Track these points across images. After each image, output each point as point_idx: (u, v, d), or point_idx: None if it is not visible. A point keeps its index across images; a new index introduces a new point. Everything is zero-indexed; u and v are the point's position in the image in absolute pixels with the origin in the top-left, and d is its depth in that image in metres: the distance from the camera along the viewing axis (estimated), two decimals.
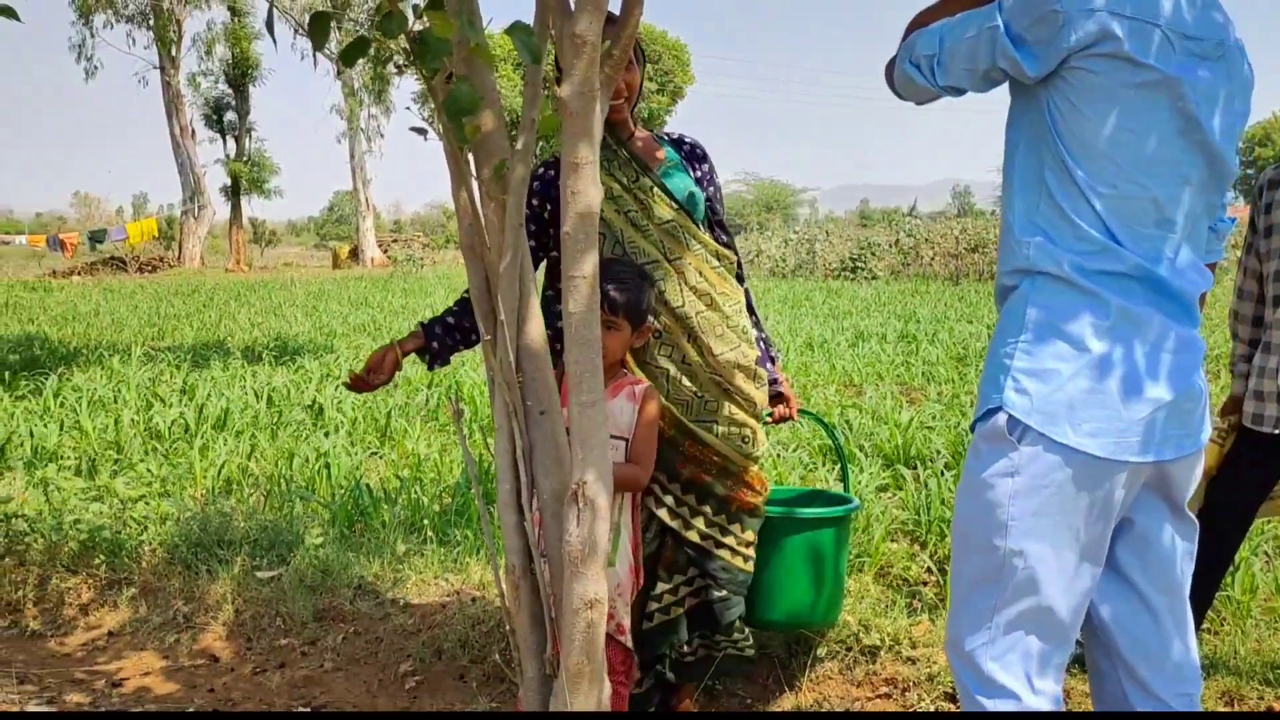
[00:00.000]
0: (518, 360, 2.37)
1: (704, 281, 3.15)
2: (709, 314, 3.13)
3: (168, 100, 40.37)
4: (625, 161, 3.19)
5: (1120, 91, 1.95)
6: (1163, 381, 2.00)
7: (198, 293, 24.50)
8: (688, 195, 3.23)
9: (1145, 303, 2.01)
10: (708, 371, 3.12)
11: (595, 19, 2.13)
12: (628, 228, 3.14)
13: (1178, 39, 1.97)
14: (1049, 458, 1.98)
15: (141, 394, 8.66)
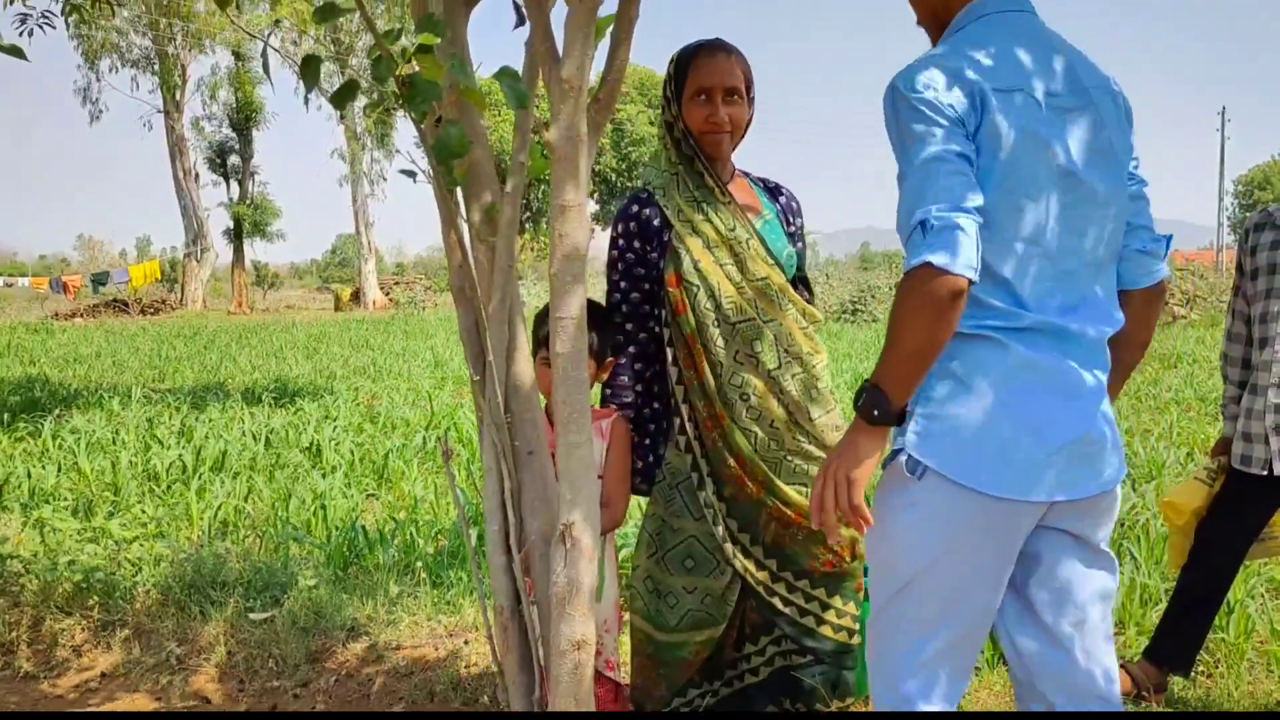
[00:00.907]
0: (506, 401, 2.38)
1: (796, 344, 3.02)
2: (804, 376, 3.01)
3: (172, 144, 40.63)
4: (725, 206, 3.05)
5: (1005, 161, 2.00)
6: (1060, 425, 2.07)
7: (199, 335, 24.55)
8: (786, 255, 3.10)
9: (1047, 349, 2.07)
10: (794, 434, 2.99)
11: (582, 65, 2.16)
12: (724, 282, 2.99)
13: (1043, 97, 2.05)
14: (945, 495, 2.05)
15: (140, 436, 8.67)
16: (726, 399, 2.98)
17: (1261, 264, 3.46)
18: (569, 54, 2.15)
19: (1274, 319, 3.39)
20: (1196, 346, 16.54)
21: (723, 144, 3.04)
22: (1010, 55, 2.07)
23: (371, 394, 12.16)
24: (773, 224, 3.13)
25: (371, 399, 11.68)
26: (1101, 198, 2.12)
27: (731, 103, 3.02)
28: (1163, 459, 7.35)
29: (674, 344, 3.06)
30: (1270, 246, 3.45)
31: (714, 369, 2.98)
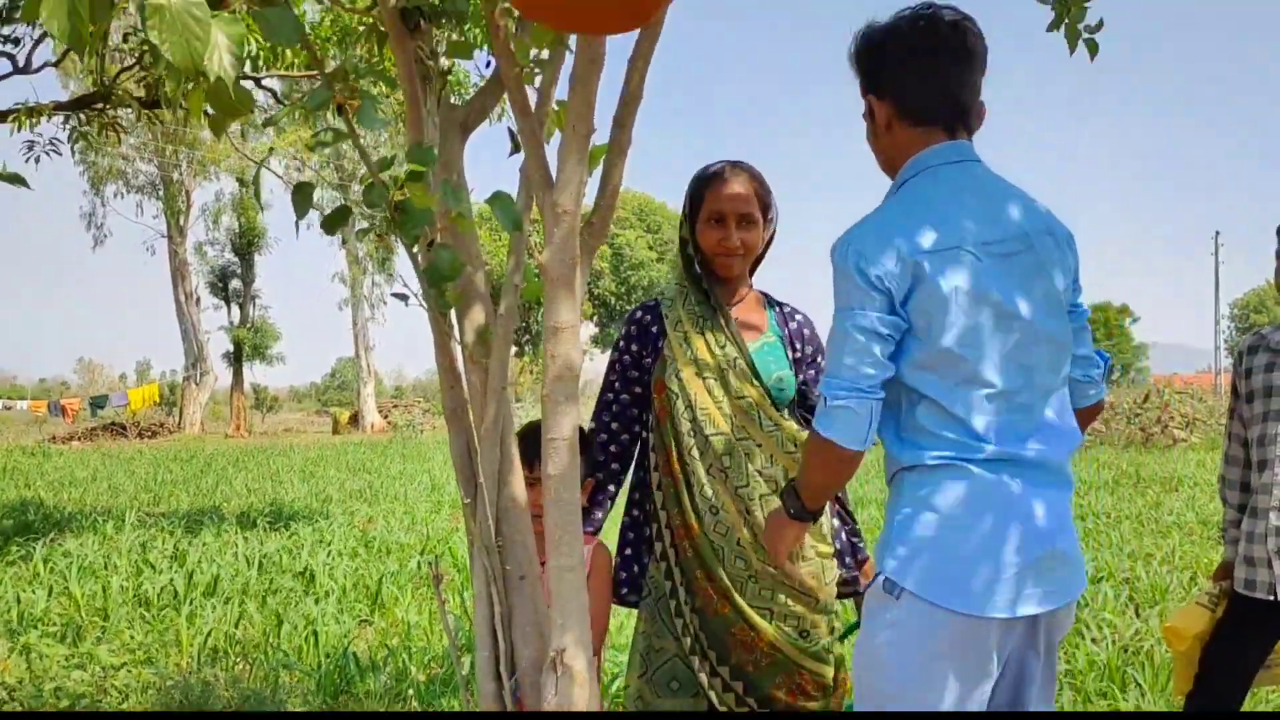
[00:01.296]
0: (497, 524, 2.36)
1: (774, 467, 3.00)
2: (772, 499, 2.94)
3: (174, 268, 41.03)
4: (719, 325, 3.07)
5: (945, 316, 2.17)
6: (1023, 543, 2.17)
7: (196, 458, 24.46)
8: (775, 379, 3.07)
9: (1008, 474, 2.20)
10: (759, 556, 2.94)
11: (576, 190, 2.19)
12: (703, 394, 3.01)
13: (980, 249, 2.20)
14: (920, 615, 2.16)
15: (132, 560, 8.59)
16: (698, 510, 2.97)
17: (1257, 386, 3.46)
18: (563, 180, 2.18)
19: (1272, 441, 3.37)
20: (1197, 470, 16.49)
21: (733, 266, 3.08)
22: (950, 212, 2.22)
23: (367, 518, 12.08)
24: (773, 346, 3.13)
25: (367, 523, 11.60)
26: (1046, 335, 2.27)
27: (745, 227, 3.06)
28: (1165, 584, 7.27)
29: (656, 450, 3.08)
30: (1265, 369, 3.45)
31: (688, 479, 2.99)
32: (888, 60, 2.31)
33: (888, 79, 2.32)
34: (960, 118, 2.33)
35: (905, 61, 2.29)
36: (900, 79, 2.31)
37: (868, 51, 2.34)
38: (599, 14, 1.90)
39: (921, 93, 2.30)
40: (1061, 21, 3.55)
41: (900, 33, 2.30)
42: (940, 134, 2.31)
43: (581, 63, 2.18)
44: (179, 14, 1.50)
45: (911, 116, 2.31)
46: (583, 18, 1.93)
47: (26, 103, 9.77)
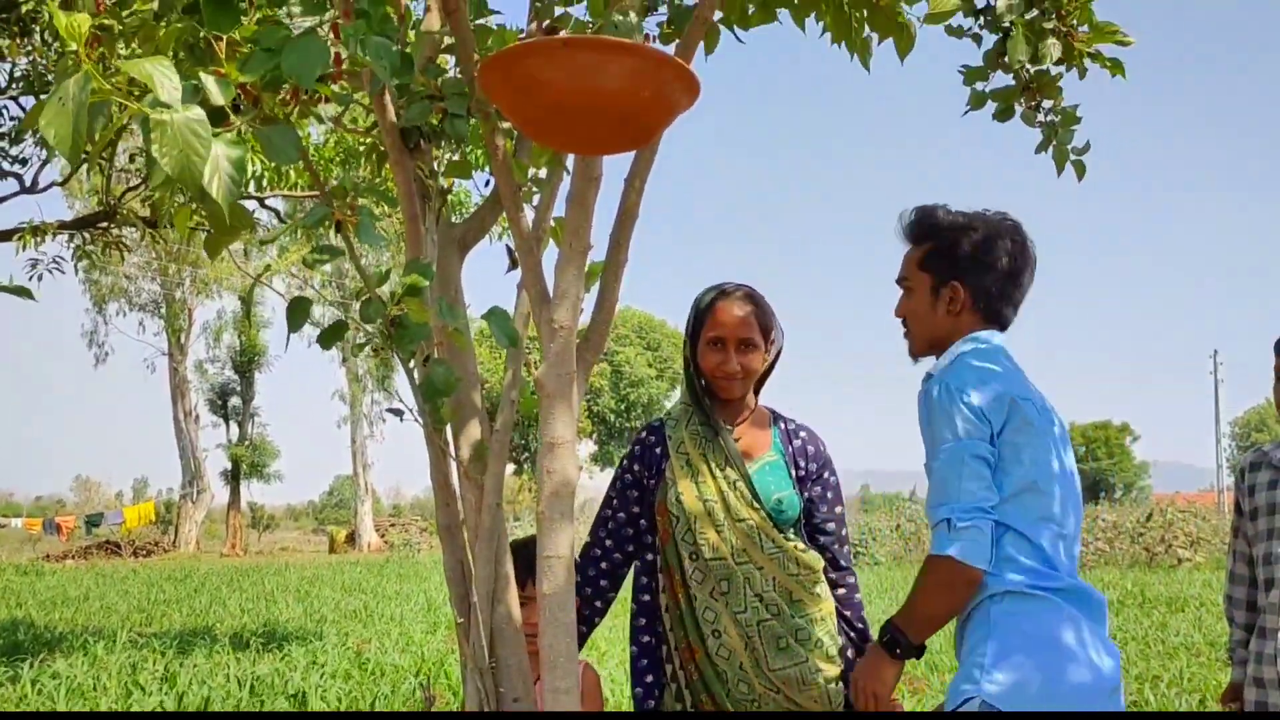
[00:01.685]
0: (491, 645, 2.32)
1: (776, 590, 2.96)
2: (773, 624, 2.93)
3: (174, 386, 41.07)
4: (720, 447, 3.07)
5: (1032, 452, 2.44)
6: (1106, 669, 2.39)
7: (190, 578, 24.20)
8: (775, 500, 3.03)
9: (1078, 607, 2.42)
10: (764, 683, 2.90)
11: (573, 307, 2.19)
12: (703, 518, 2.98)
13: (1042, 408, 2.53)
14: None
15: (122, 681, 8.44)
16: (702, 633, 2.94)
17: (1260, 504, 3.43)
18: (559, 295, 2.19)
19: (1277, 560, 3.34)
20: (1203, 590, 16.29)
21: (734, 389, 3.08)
22: (1017, 373, 2.55)
23: (361, 639, 11.90)
24: (775, 465, 3.11)
25: (361, 644, 11.42)
26: (1076, 493, 2.56)
27: (744, 351, 3.06)
28: (1174, 707, 7.13)
29: (662, 572, 3.05)
30: (1268, 486, 3.42)
31: (690, 601, 2.96)
32: (984, 256, 2.63)
33: (978, 271, 2.63)
34: (1010, 321, 2.71)
35: (997, 268, 2.63)
36: (991, 276, 2.63)
37: (969, 244, 2.63)
38: (598, 136, 1.92)
39: (1001, 295, 2.65)
40: (1049, 143, 3.61)
41: (998, 236, 2.64)
42: (996, 329, 2.67)
43: (579, 181, 2.21)
44: (181, 129, 1.51)
45: (984, 310, 2.64)
46: (582, 139, 1.96)
47: (32, 221, 9.88)
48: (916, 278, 2.70)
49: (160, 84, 1.46)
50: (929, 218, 2.70)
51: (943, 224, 2.67)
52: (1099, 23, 3.41)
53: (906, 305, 2.74)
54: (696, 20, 2.27)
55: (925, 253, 2.69)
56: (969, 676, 2.38)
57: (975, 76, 3.54)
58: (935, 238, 2.68)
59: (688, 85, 1.85)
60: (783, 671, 2.91)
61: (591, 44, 1.76)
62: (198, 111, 1.51)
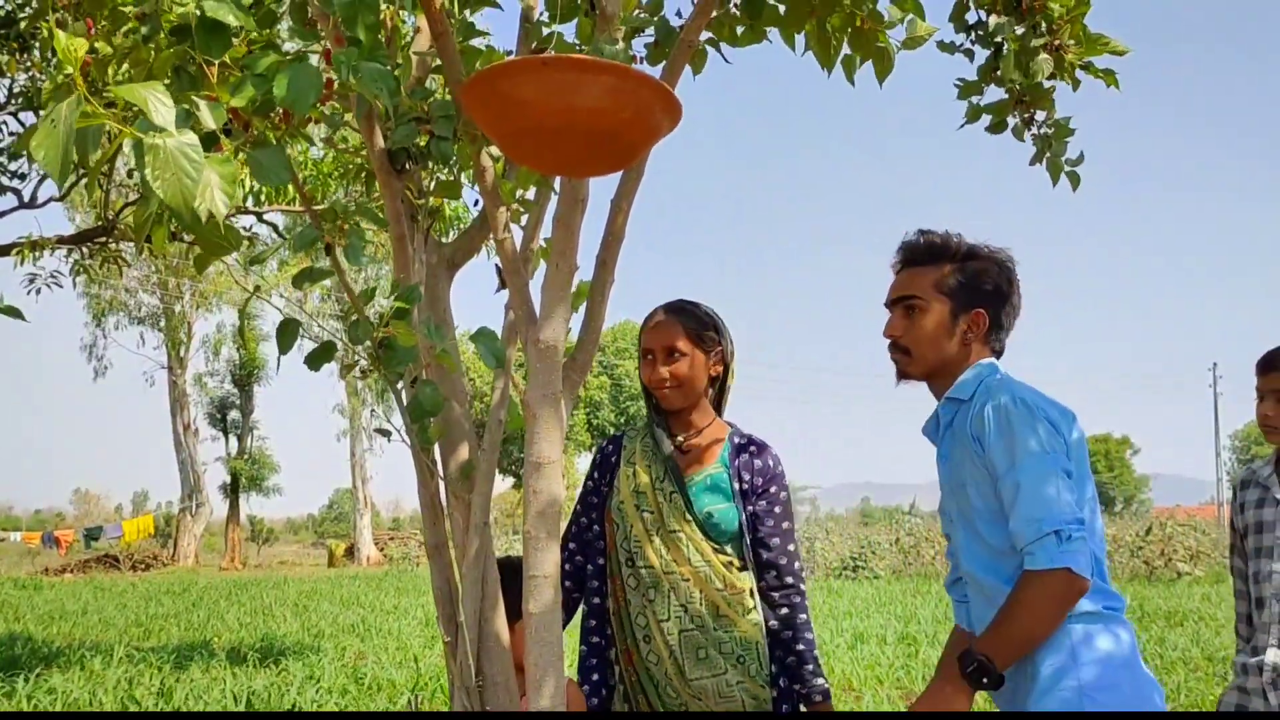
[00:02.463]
0: (478, 663, 2.33)
1: (702, 603, 3.02)
2: (695, 635, 2.99)
3: (173, 399, 41.06)
4: (663, 458, 3.14)
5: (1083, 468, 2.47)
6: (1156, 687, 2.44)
7: (189, 591, 24.18)
8: (705, 513, 3.08)
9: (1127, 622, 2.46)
10: (687, 690, 2.97)
11: (559, 326, 2.21)
12: (638, 525, 3.08)
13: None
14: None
15: (118, 696, 8.44)
16: (635, 638, 3.05)
17: (1250, 522, 3.46)
18: (545, 316, 2.20)
19: (1266, 579, 3.36)
20: (1202, 604, 16.28)
21: (669, 398, 3.14)
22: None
23: (358, 653, 11.89)
24: (717, 479, 3.15)
25: (358, 659, 11.42)
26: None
27: (670, 360, 3.11)
28: None
29: (609, 578, 3.16)
30: (1256, 505, 3.46)
31: (627, 607, 3.07)
32: (1005, 289, 2.68)
33: (998, 303, 2.67)
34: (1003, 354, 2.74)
35: (1011, 297, 2.70)
36: (1006, 308, 2.69)
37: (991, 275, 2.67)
38: (579, 156, 1.93)
39: (1007, 328, 2.71)
40: (1043, 155, 3.63)
41: (1011, 272, 2.71)
42: (995, 358, 2.70)
43: (565, 203, 2.22)
44: (173, 154, 1.53)
45: (993, 341, 2.68)
46: (563, 160, 1.97)
47: (30, 236, 9.90)
48: (933, 299, 2.66)
49: (154, 108, 1.48)
50: (949, 242, 2.70)
51: (967, 252, 2.68)
52: (1091, 35, 3.43)
53: (913, 326, 2.67)
54: (682, 44, 2.29)
55: (945, 276, 2.66)
56: (1063, 702, 2.32)
57: (970, 91, 3.56)
58: (958, 263, 2.67)
59: (669, 107, 1.86)
60: (699, 682, 2.97)
61: (571, 63, 1.77)
62: (190, 136, 1.53)
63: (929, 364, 2.67)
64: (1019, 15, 3.28)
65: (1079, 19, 3.36)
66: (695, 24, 2.34)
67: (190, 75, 1.98)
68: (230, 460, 44.51)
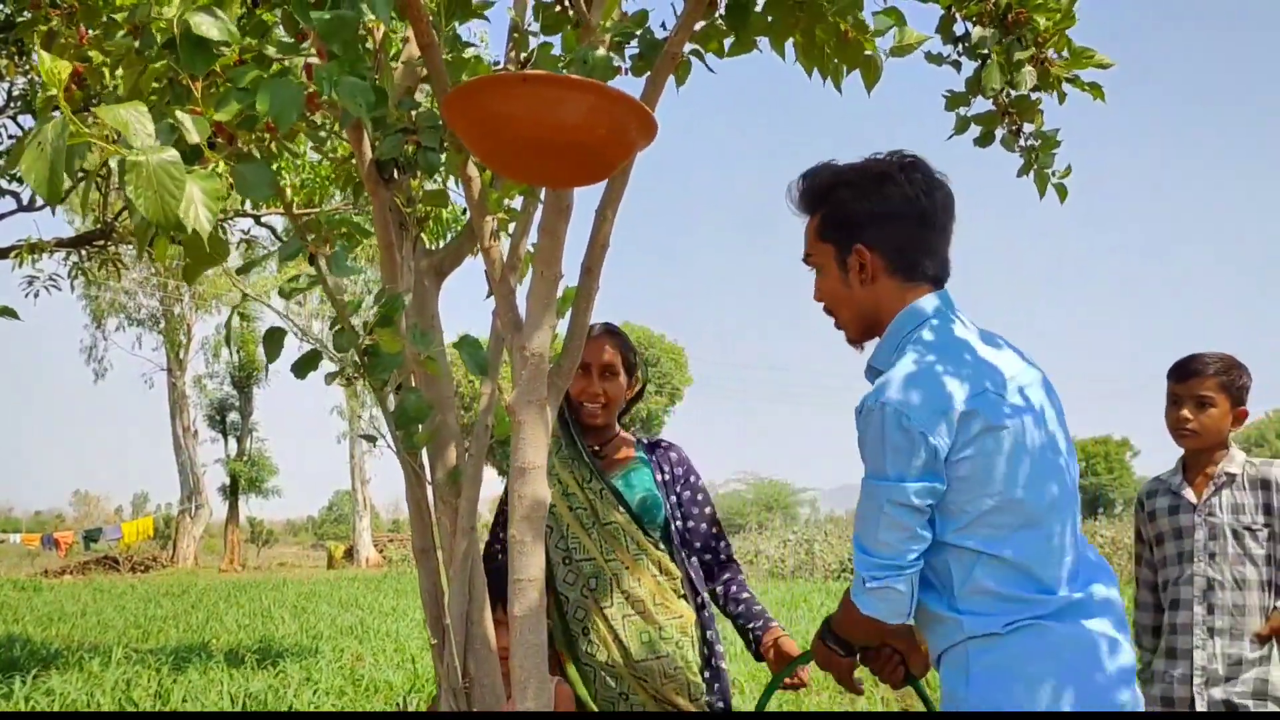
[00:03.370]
0: (465, 666, 2.36)
1: (641, 589, 3.17)
2: (637, 620, 3.14)
3: (173, 401, 41.06)
4: (585, 463, 3.28)
5: (1005, 460, 2.10)
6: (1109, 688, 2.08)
7: (188, 593, 24.19)
8: (640, 500, 3.27)
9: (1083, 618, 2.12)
10: (632, 674, 3.10)
11: (544, 333, 2.24)
12: (574, 523, 3.22)
13: (1019, 392, 2.17)
14: None
15: (115, 698, 8.47)
16: (572, 635, 3.14)
17: (1165, 529, 3.64)
18: (530, 323, 2.24)
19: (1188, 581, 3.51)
20: None
21: (597, 415, 3.32)
22: (978, 356, 2.17)
23: (356, 655, 11.91)
24: (639, 471, 3.37)
25: (356, 660, 11.44)
26: (1074, 478, 2.23)
27: (607, 378, 3.32)
28: None
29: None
30: (1168, 512, 3.61)
31: (561, 607, 3.16)
32: (879, 210, 2.24)
33: (877, 225, 2.24)
34: (945, 273, 2.31)
35: (902, 214, 2.24)
36: (894, 228, 2.24)
37: (853, 199, 2.26)
38: (557, 170, 1.98)
39: (915, 246, 2.25)
40: (1030, 167, 3.66)
41: (893, 182, 2.25)
42: (927, 288, 2.27)
43: (549, 211, 2.26)
44: (155, 171, 1.56)
45: (902, 270, 2.25)
46: (541, 172, 2.01)
47: (29, 239, 9.93)
48: (819, 251, 2.33)
49: (134, 130, 1.52)
50: (813, 179, 2.35)
51: (827, 182, 2.31)
52: (1077, 48, 3.45)
53: (819, 286, 2.36)
54: (666, 56, 2.32)
55: (820, 220, 2.32)
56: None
57: (957, 102, 3.59)
58: (824, 201, 2.31)
59: (644, 124, 1.90)
60: (646, 664, 3.11)
61: (550, 80, 1.81)
62: (171, 153, 1.56)
63: (853, 324, 2.34)
64: (1004, 28, 3.31)
65: (1063, 32, 3.39)
66: (679, 36, 2.37)
67: (181, 87, 2.01)
68: (230, 462, 44.50)
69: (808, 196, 2.35)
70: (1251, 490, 3.63)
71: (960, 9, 3.31)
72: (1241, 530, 3.54)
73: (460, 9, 2.47)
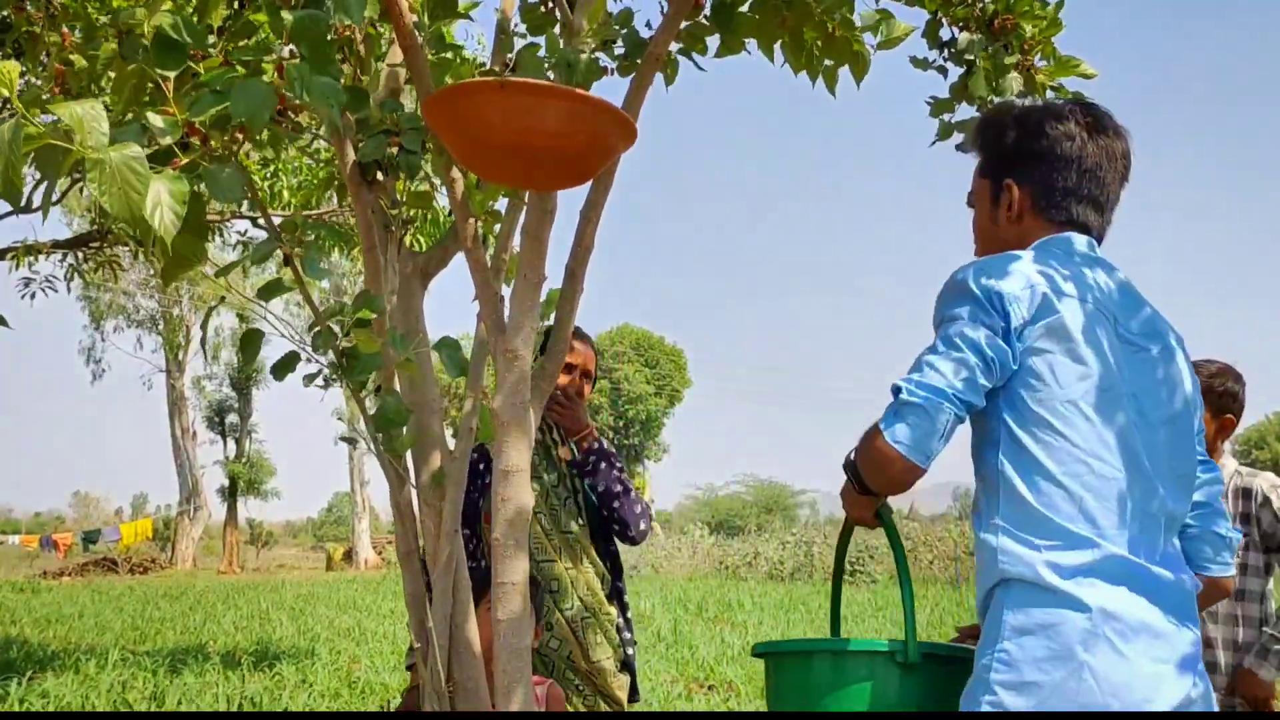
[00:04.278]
0: (449, 669, 2.35)
1: (591, 595, 3.38)
2: (590, 620, 3.36)
3: (171, 402, 41.05)
4: (553, 464, 3.43)
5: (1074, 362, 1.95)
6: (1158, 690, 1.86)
7: (186, 595, 24.18)
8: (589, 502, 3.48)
9: (1141, 591, 1.90)
10: (587, 667, 3.33)
11: (527, 335, 2.23)
12: (536, 526, 3.33)
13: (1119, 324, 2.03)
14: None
15: (112, 700, 8.46)
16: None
17: None
18: (514, 325, 2.23)
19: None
20: None
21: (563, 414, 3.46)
22: (1086, 276, 2.05)
23: (353, 658, 11.90)
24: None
25: (353, 663, 11.43)
26: (1172, 455, 2.04)
27: (586, 380, 3.59)
28: None
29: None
30: None
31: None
32: (1036, 143, 2.18)
33: (1032, 162, 2.18)
34: (1101, 229, 2.22)
35: (1058, 156, 2.16)
36: (1049, 167, 2.17)
37: (1009, 135, 2.22)
38: (537, 174, 1.98)
39: (1068, 189, 2.17)
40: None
41: (1055, 118, 2.18)
42: (1073, 232, 2.17)
43: (533, 214, 2.25)
44: (118, 168, 1.55)
45: (1049, 209, 2.17)
46: (521, 176, 2.01)
47: (26, 240, 9.93)
48: (978, 187, 2.29)
49: (88, 127, 1.51)
50: (984, 117, 2.33)
51: (991, 119, 2.29)
52: (1062, 57, 3.44)
53: (973, 223, 2.32)
54: (649, 57, 2.32)
55: (983, 156, 2.29)
56: (971, 695, 1.94)
57: (942, 108, 3.57)
58: (984, 137, 2.29)
59: (623, 129, 1.90)
60: (601, 662, 3.33)
61: (528, 88, 1.81)
62: (134, 149, 1.56)
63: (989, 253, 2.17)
64: (990, 34, 3.30)
65: (1049, 39, 3.38)
66: (663, 37, 2.37)
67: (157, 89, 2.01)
68: (228, 464, 44.50)
69: (975, 133, 2.32)
70: (1234, 500, 3.64)
71: (946, 14, 3.30)
72: None
73: (444, 10, 2.46)
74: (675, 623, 15.20)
